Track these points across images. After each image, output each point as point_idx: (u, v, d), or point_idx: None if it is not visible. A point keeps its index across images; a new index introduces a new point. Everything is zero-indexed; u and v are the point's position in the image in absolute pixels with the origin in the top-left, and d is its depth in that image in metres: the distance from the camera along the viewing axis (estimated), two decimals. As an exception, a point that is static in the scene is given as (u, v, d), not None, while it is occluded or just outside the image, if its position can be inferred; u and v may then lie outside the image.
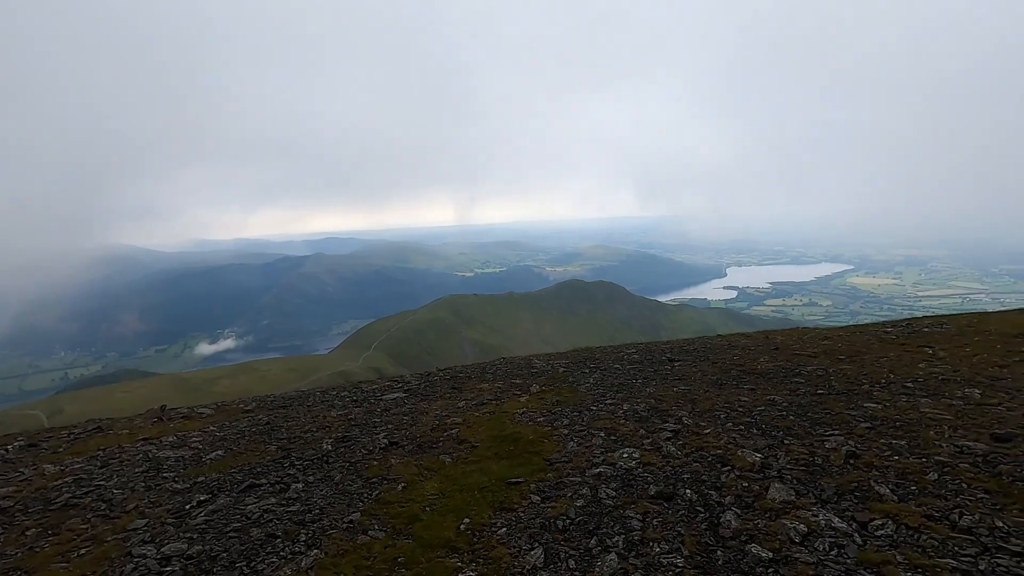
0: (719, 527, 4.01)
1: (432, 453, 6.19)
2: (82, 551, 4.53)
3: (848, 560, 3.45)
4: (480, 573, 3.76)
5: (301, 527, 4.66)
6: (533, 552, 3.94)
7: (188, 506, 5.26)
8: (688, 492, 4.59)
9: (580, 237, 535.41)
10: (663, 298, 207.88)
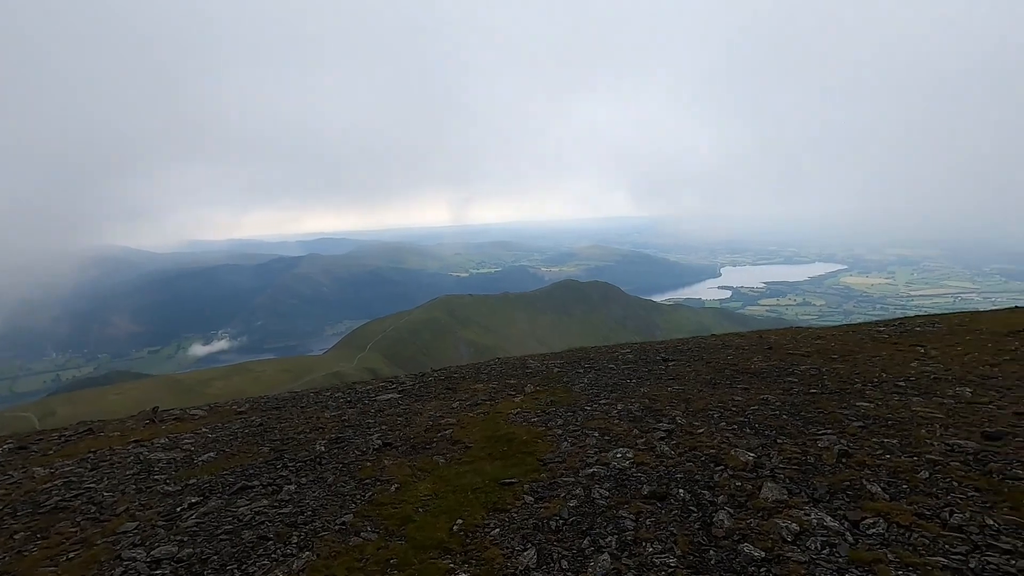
0: (712, 527, 4.02)
1: (426, 454, 6.17)
2: (71, 555, 4.48)
3: (840, 559, 3.47)
4: (473, 574, 3.75)
5: (293, 529, 4.63)
6: (526, 553, 3.93)
7: (179, 508, 5.22)
8: (681, 492, 4.59)
9: (575, 237, 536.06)
10: (658, 298, 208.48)
